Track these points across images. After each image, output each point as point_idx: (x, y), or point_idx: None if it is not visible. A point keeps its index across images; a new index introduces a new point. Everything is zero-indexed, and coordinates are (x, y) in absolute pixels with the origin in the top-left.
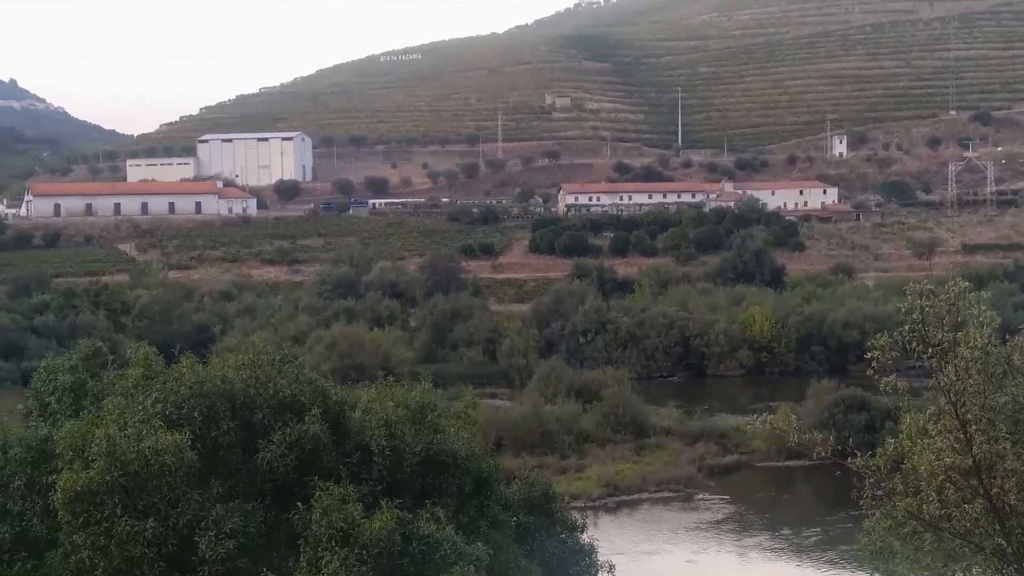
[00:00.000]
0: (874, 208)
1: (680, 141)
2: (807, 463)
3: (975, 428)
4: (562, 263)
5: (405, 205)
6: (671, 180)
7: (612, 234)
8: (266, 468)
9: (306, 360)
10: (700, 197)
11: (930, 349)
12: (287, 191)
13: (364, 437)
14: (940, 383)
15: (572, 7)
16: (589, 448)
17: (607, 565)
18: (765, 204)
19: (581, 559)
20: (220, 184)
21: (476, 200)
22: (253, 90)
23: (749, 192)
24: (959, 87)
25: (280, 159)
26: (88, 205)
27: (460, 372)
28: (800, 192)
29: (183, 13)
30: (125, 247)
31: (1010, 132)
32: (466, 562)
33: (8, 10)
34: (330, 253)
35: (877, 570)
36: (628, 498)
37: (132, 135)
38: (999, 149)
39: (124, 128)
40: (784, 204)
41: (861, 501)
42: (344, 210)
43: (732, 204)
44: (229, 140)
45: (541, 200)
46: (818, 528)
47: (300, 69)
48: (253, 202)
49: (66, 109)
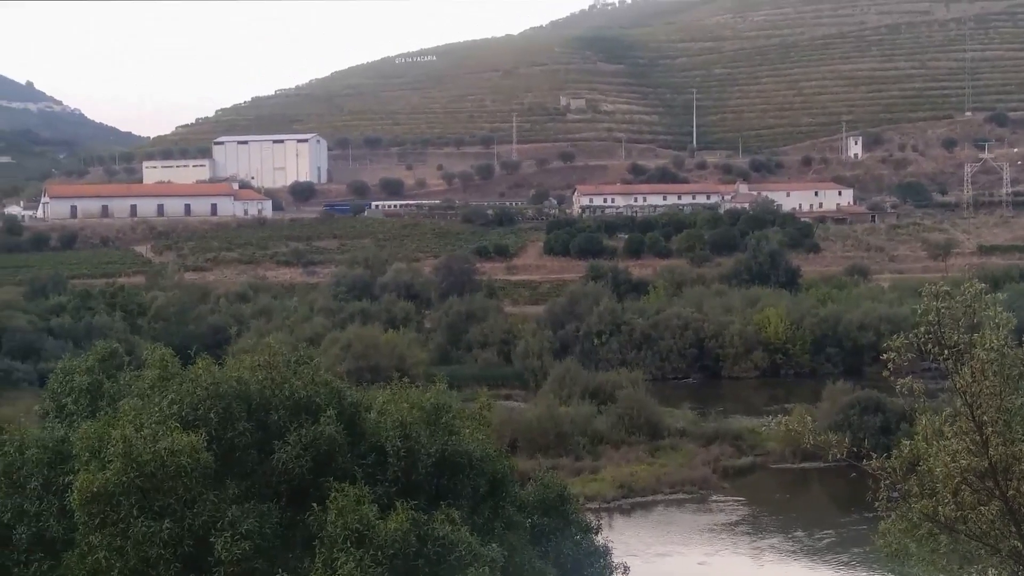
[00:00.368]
0: (889, 209)
1: (695, 142)
2: (822, 465)
3: (991, 430)
4: (577, 264)
5: (420, 207)
6: (686, 181)
7: (627, 235)
8: (281, 469)
9: (321, 361)
10: (715, 198)
11: (946, 351)
12: (302, 193)
13: (379, 438)
14: (956, 385)
15: (587, 9)
16: (604, 450)
17: (622, 567)
18: (780, 205)
19: (596, 561)
20: (236, 186)
21: (491, 202)
22: (268, 92)
23: (764, 193)
24: (975, 88)
25: (295, 161)
26: (104, 207)
27: (475, 373)
28: (815, 193)
29: (198, 16)
30: (141, 249)
31: None
32: (481, 563)
33: (25, 13)
34: (345, 255)
35: (893, 572)
36: (642, 500)
37: (148, 137)
38: (1015, 150)
39: (140, 130)
40: (799, 206)
41: (877, 503)
42: (359, 212)
43: (747, 206)
44: (245, 142)
45: (556, 202)
46: (832, 530)
47: (315, 71)
48: (268, 204)
49: (82, 111)
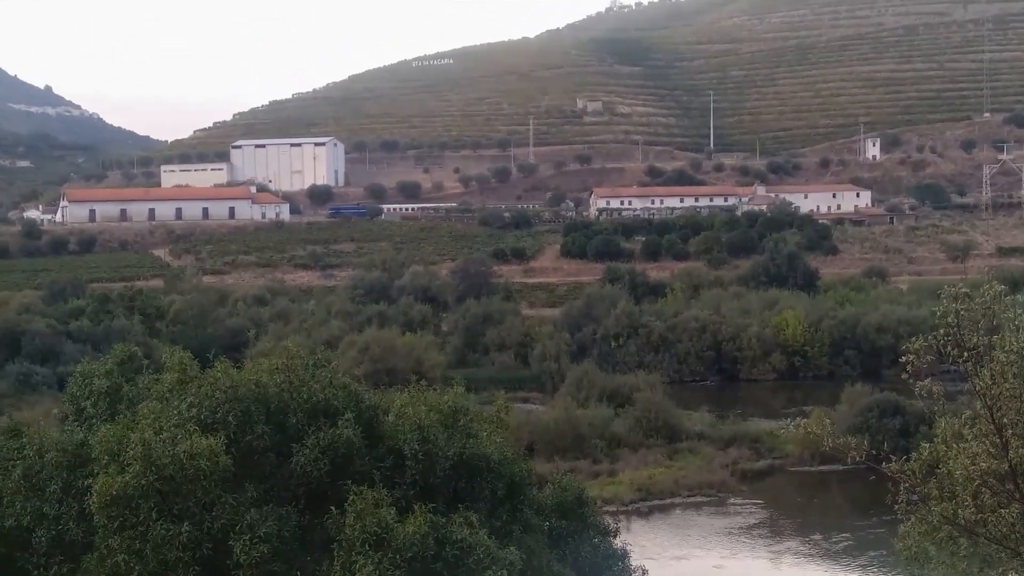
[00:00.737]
0: (908, 211)
1: (712, 144)
2: (841, 468)
3: (1011, 432)
4: (594, 267)
5: (437, 210)
6: (703, 184)
7: (644, 238)
8: (300, 472)
9: (339, 364)
10: (732, 201)
11: (965, 353)
12: (320, 196)
13: (397, 441)
14: (975, 387)
15: (603, 11)
16: (621, 453)
17: (640, 570)
18: (798, 207)
19: (614, 564)
20: (253, 189)
21: (508, 204)
22: (286, 95)
23: (781, 195)
24: (993, 89)
25: (313, 164)
26: (123, 211)
27: (492, 376)
28: (833, 195)
29: (216, 21)
30: (159, 252)
31: None
32: (499, 566)
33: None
34: (362, 258)
35: (912, 575)
36: (660, 503)
37: (166, 141)
38: None
39: (158, 134)
40: (817, 207)
41: (896, 506)
42: (375, 214)
43: (764, 207)
44: (262, 146)
45: (573, 204)
46: (849, 533)
47: (333, 74)
48: (286, 207)
49: (101, 115)
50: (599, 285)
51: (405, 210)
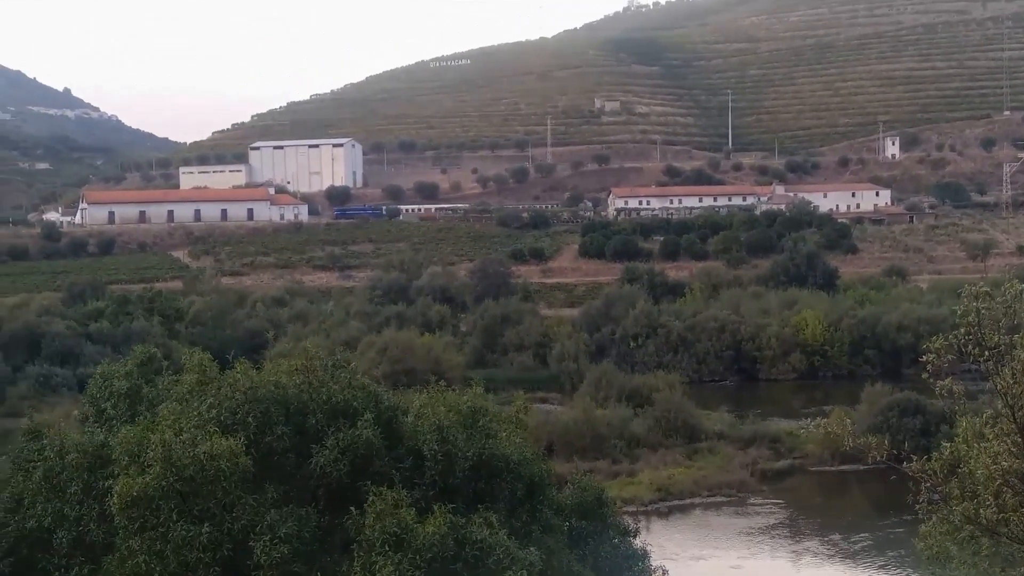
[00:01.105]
0: (927, 210)
1: (730, 144)
2: (861, 467)
3: None
4: (612, 267)
5: (455, 210)
6: (721, 183)
7: (662, 238)
8: (319, 473)
9: (358, 365)
10: (751, 200)
11: (986, 352)
12: (338, 197)
13: (416, 442)
14: (997, 386)
15: (620, 11)
16: (641, 452)
17: (660, 570)
18: (817, 207)
19: (634, 564)
20: (272, 191)
21: (526, 205)
22: (304, 97)
23: (800, 195)
24: (1013, 87)
25: (331, 165)
26: (142, 212)
27: (511, 377)
28: (852, 194)
29: (233, 22)
30: (178, 254)
31: None
32: (519, 567)
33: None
34: (381, 259)
35: (934, 575)
36: (680, 503)
37: (185, 143)
38: None
39: (177, 136)
40: (836, 207)
41: (917, 506)
42: (395, 215)
43: (783, 207)
44: (280, 147)
45: (591, 204)
46: (869, 533)
47: (350, 76)
48: (304, 208)
49: (119, 117)
50: (618, 285)
51: (423, 211)
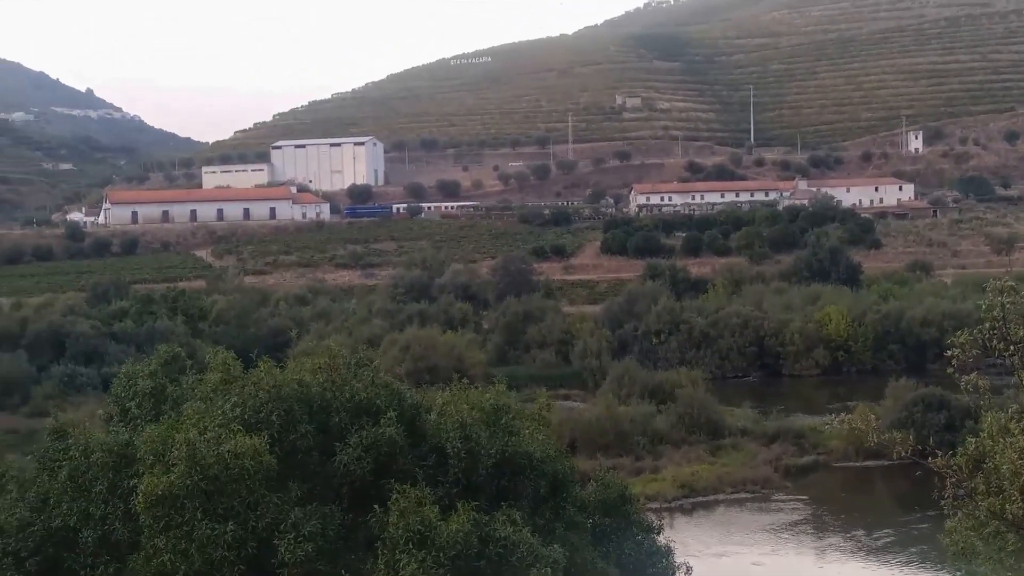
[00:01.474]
0: (951, 204)
1: (752, 139)
2: (886, 463)
3: None
4: (634, 264)
5: (477, 208)
6: (744, 179)
7: (684, 234)
8: (343, 471)
9: (381, 363)
10: (773, 195)
11: (1011, 347)
12: (360, 196)
13: (440, 440)
14: (1022, 381)
15: (641, 7)
16: (664, 449)
17: (684, 566)
18: (840, 202)
19: (658, 560)
20: (294, 190)
21: (547, 202)
22: (325, 96)
23: (823, 190)
24: None
25: (352, 164)
26: (165, 212)
27: (533, 374)
28: (875, 189)
29: (255, 22)
30: (201, 253)
31: None
32: (543, 564)
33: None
34: (403, 257)
35: (960, 571)
36: (704, 499)
37: (207, 142)
38: None
39: (199, 135)
40: (859, 201)
41: (942, 501)
42: (416, 213)
43: (806, 202)
44: (302, 146)
45: (612, 201)
46: (892, 529)
47: (371, 74)
48: (327, 207)
49: (142, 117)
50: (640, 281)
51: (445, 208)
